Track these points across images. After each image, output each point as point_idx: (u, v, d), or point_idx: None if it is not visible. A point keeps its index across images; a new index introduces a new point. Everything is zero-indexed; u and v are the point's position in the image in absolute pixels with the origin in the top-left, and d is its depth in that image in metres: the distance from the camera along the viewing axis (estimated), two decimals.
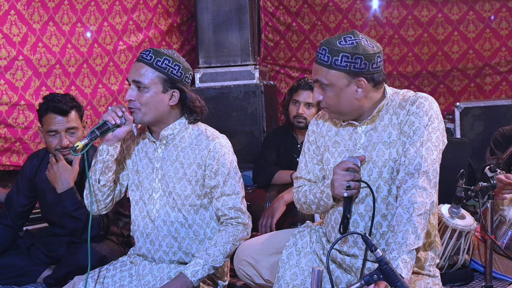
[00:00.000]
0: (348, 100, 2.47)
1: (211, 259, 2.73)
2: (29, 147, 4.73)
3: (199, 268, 2.71)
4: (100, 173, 2.76)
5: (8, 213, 3.80)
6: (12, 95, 4.57)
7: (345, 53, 2.41)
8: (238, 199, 2.81)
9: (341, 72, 2.42)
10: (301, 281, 2.67)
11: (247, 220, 2.84)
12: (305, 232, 2.79)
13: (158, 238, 2.82)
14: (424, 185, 2.35)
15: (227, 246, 2.77)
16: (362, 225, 2.54)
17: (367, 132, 2.55)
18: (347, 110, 2.51)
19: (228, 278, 2.97)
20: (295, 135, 4.28)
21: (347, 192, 2.46)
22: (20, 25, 4.62)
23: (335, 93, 2.47)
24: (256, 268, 2.85)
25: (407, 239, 2.26)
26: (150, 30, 5.69)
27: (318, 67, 2.47)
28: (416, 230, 2.28)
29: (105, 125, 2.66)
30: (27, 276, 3.75)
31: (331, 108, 2.52)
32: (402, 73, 5.98)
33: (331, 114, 2.58)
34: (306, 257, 2.71)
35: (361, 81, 2.44)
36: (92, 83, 5.16)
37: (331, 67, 2.43)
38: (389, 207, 2.51)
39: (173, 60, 2.71)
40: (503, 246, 3.64)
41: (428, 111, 2.45)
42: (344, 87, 2.45)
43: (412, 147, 2.41)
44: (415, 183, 2.35)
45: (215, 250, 2.74)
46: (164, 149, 2.81)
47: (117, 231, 3.73)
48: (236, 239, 2.80)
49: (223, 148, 2.78)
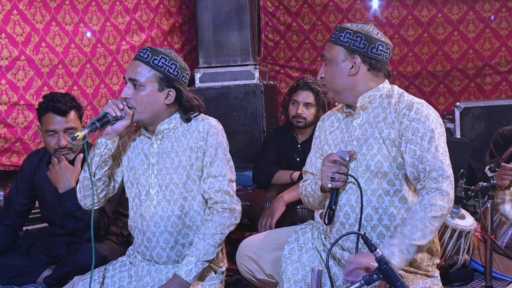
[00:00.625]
0: (341, 76, 2.59)
1: (202, 253, 2.70)
2: (29, 147, 4.73)
3: (192, 266, 2.69)
4: (97, 167, 2.75)
5: (7, 213, 3.80)
6: (12, 95, 4.58)
7: (349, 30, 2.58)
8: (225, 181, 2.75)
9: (342, 47, 2.58)
10: (303, 276, 2.70)
11: (234, 205, 2.77)
12: (307, 228, 2.83)
13: (155, 234, 2.81)
14: (448, 190, 2.43)
15: (216, 237, 2.72)
16: (353, 216, 2.58)
17: (362, 125, 2.60)
18: (340, 87, 2.61)
19: (225, 264, 2.93)
20: (295, 135, 4.28)
21: (331, 184, 2.53)
22: (23, 25, 4.62)
23: (332, 68, 2.61)
24: (258, 263, 2.87)
25: (413, 233, 2.34)
26: (153, 30, 5.70)
27: (328, 45, 2.66)
28: (424, 229, 2.35)
29: (106, 117, 2.65)
30: (27, 276, 3.75)
31: (328, 84, 2.65)
32: (402, 73, 5.98)
33: (329, 94, 2.70)
34: (308, 252, 2.75)
35: (355, 58, 2.56)
36: (95, 83, 5.17)
37: (336, 42, 2.60)
38: (379, 200, 2.55)
39: (169, 59, 2.71)
40: (503, 245, 3.64)
41: (429, 116, 2.52)
42: (340, 62, 2.59)
43: (427, 154, 2.46)
44: (440, 187, 2.42)
45: (204, 244, 2.70)
46: (159, 144, 2.80)
47: (117, 231, 3.73)
48: (224, 227, 2.74)
49: (212, 129, 2.76)
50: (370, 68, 2.58)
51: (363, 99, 2.60)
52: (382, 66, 2.61)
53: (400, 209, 2.54)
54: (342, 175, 2.53)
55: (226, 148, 2.80)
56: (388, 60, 2.63)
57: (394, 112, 2.55)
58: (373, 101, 2.61)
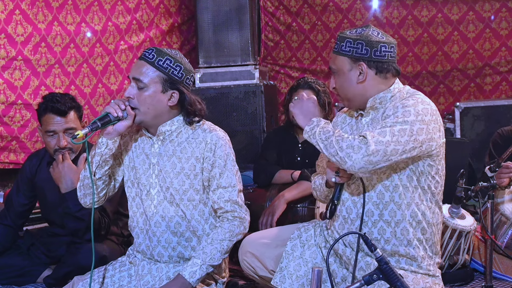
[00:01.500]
0: (351, 85, 2.61)
1: (209, 257, 2.72)
2: (26, 146, 4.74)
3: (196, 269, 2.70)
4: (97, 166, 2.75)
5: (8, 213, 3.80)
6: (10, 94, 4.58)
7: (349, 39, 2.59)
8: (235, 192, 2.78)
9: (345, 57, 2.60)
10: (304, 272, 2.74)
11: (244, 214, 2.81)
12: (310, 226, 2.87)
13: (156, 234, 2.81)
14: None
15: (224, 243, 2.75)
16: (354, 211, 2.62)
17: (370, 123, 2.62)
18: (351, 94, 2.63)
19: (227, 274, 2.96)
20: (296, 135, 4.28)
21: (335, 178, 2.57)
22: (25, 25, 4.63)
23: (341, 78, 2.63)
24: (260, 260, 2.88)
25: None
26: (151, 30, 5.70)
27: (332, 55, 2.69)
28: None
29: (107, 117, 2.65)
30: (27, 276, 3.75)
31: (341, 94, 2.68)
32: (402, 73, 5.92)
33: (343, 102, 2.73)
34: (310, 249, 2.78)
35: (360, 65, 2.57)
36: (92, 82, 5.17)
37: (339, 53, 2.62)
38: (380, 196, 2.57)
39: (175, 60, 2.71)
40: (503, 245, 3.64)
41: (408, 107, 2.47)
42: (347, 72, 2.61)
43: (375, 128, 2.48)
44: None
45: (211, 248, 2.73)
46: (161, 145, 2.80)
47: (117, 231, 3.73)
48: (233, 235, 2.78)
49: (220, 140, 2.77)
50: (377, 71, 2.59)
51: (373, 101, 2.61)
52: (389, 66, 2.60)
53: (400, 205, 2.55)
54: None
55: (233, 159, 2.82)
56: (394, 59, 2.62)
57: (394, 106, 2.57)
58: (383, 102, 2.61)
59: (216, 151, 2.76)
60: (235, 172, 2.81)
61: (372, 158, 2.37)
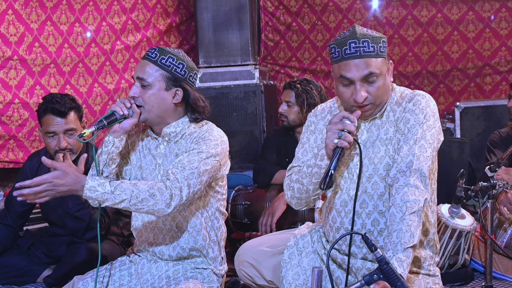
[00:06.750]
0: (387, 86, 2.49)
1: (118, 191, 2.55)
2: (24, 145, 4.75)
3: (101, 190, 2.53)
4: (104, 164, 2.76)
5: (8, 213, 3.80)
6: (6, 93, 4.58)
7: (376, 38, 2.43)
8: (191, 175, 2.61)
9: (383, 58, 2.45)
10: (304, 280, 2.66)
11: (177, 196, 2.59)
12: (306, 231, 2.79)
13: (162, 232, 2.83)
14: (416, 183, 2.34)
15: (141, 193, 2.55)
16: (350, 204, 2.51)
17: (369, 129, 2.55)
18: (385, 99, 2.51)
19: (226, 267, 2.90)
20: (296, 135, 4.28)
21: (338, 141, 2.35)
22: (17, 25, 4.62)
23: (382, 81, 2.45)
24: (257, 269, 2.83)
25: (402, 238, 2.25)
26: (149, 30, 5.70)
27: (364, 60, 2.41)
28: (410, 229, 2.27)
29: (113, 116, 2.66)
30: (27, 276, 3.75)
31: (377, 101, 2.47)
32: (402, 73, 5.98)
33: (370, 111, 2.50)
34: (308, 256, 2.71)
35: (391, 64, 2.50)
36: (88, 82, 5.17)
37: (378, 55, 2.43)
38: (386, 204, 2.50)
39: (177, 58, 2.73)
40: (503, 245, 3.64)
41: (424, 109, 2.45)
42: (385, 73, 2.47)
43: (405, 145, 2.41)
44: (407, 182, 2.34)
45: (133, 188, 2.56)
46: (166, 146, 2.81)
47: (117, 231, 3.73)
48: (154, 195, 2.56)
49: (210, 136, 2.72)
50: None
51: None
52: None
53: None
54: (349, 134, 2.37)
55: (214, 158, 2.69)
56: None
57: (397, 107, 2.52)
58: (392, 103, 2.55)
59: (199, 141, 2.69)
60: (204, 164, 2.64)
61: (425, 177, 2.37)
